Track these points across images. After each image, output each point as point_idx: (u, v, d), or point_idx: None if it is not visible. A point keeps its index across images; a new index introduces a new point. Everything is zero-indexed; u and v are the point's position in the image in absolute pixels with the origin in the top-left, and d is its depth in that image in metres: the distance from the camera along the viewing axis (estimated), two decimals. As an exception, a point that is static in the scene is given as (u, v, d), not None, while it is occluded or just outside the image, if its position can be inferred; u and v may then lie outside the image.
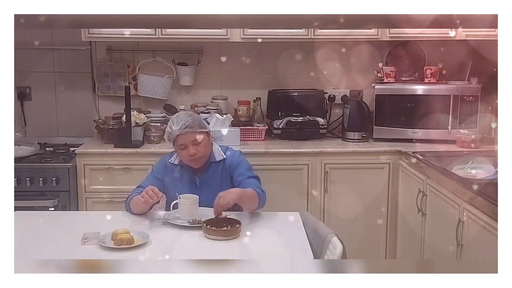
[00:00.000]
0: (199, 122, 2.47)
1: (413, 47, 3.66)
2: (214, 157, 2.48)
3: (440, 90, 3.39)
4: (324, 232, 2.08)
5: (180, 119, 2.42)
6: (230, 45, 3.53)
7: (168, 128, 2.44)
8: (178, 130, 2.38)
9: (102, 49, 3.63)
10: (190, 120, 2.41)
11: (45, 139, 3.58)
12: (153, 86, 3.60)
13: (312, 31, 3.32)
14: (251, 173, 2.47)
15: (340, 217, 3.24)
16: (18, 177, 3.07)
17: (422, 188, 2.81)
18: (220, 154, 2.51)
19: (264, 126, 3.54)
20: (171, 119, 2.51)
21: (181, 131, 2.38)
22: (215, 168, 2.48)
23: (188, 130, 2.39)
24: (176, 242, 2.07)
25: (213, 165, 2.48)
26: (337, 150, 3.28)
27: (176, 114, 2.61)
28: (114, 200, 3.09)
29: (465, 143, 3.28)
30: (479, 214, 2.18)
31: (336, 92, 3.73)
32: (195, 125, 2.41)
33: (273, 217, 2.33)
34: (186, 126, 2.39)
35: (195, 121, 2.43)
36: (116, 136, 3.29)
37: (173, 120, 2.45)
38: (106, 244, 1.98)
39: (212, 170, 2.48)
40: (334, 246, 1.95)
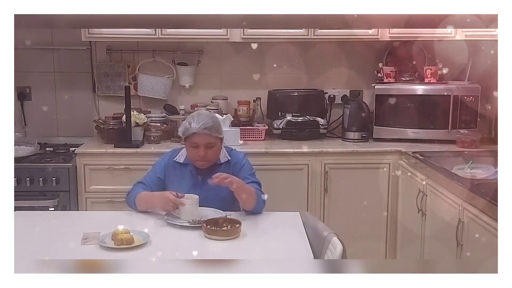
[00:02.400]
0: (218, 127, 2.45)
1: (413, 47, 3.65)
2: (219, 159, 2.48)
3: (440, 90, 3.39)
4: (324, 232, 2.08)
5: (202, 118, 2.39)
6: (230, 45, 3.52)
7: (186, 124, 2.41)
8: (196, 129, 2.36)
9: (102, 49, 3.63)
10: (210, 123, 2.39)
11: (45, 139, 3.58)
12: (153, 86, 3.60)
13: (312, 31, 3.32)
14: (253, 178, 2.46)
15: (340, 217, 3.24)
16: (18, 177, 3.06)
17: (422, 188, 2.81)
18: (225, 156, 2.50)
19: (264, 126, 3.53)
20: (191, 115, 2.47)
21: (200, 130, 2.36)
22: (219, 169, 2.45)
23: (206, 132, 2.36)
24: (176, 242, 2.07)
25: (217, 167, 2.47)
26: (337, 150, 3.28)
27: (198, 112, 2.57)
28: (114, 200, 3.09)
29: (465, 143, 3.28)
30: (479, 214, 2.18)
31: (336, 92, 3.73)
32: (214, 129, 2.39)
33: (273, 217, 2.33)
34: (205, 127, 2.36)
35: (215, 125, 2.41)
36: (116, 136, 3.29)
37: (193, 117, 2.42)
38: (106, 244, 1.98)
39: (215, 171, 2.45)
40: (334, 246, 1.95)
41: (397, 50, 3.67)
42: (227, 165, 2.49)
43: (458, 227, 2.34)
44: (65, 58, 3.68)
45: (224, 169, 2.46)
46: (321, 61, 3.70)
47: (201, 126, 2.36)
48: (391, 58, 3.69)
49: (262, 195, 2.37)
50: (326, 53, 3.68)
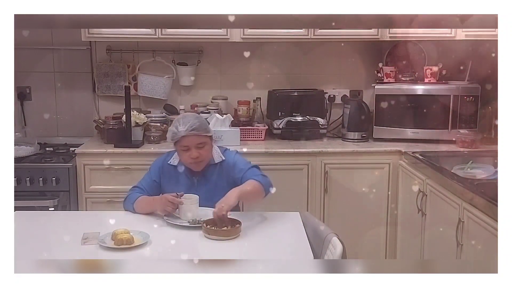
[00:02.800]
0: (205, 126, 2.45)
1: (413, 47, 3.65)
2: (213, 159, 2.47)
3: (440, 90, 3.39)
4: (324, 232, 2.08)
5: (188, 120, 2.39)
6: (230, 45, 3.52)
7: (173, 128, 2.40)
8: (184, 132, 2.35)
9: (102, 49, 3.63)
10: (197, 123, 2.39)
11: (45, 139, 3.58)
12: (153, 86, 3.60)
13: (312, 31, 3.32)
14: (249, 165, 2.45)
15: (340, 217, 3.24)
16: (18, 177, 3.06)
17: (422, 188, 2.81)
18: (219, 156, 2.49)
19: (264, 126, 3.53)
20: (176, 119, 2.47)
21: (187, 133, 2.35)
22: (213, 170, 2.46)
23: (194, 132, 2.36)
24: (176, 242, 2.07)
25: (211, 167, 2.46)
26: (337, 150, 3.28)
27: (183, 114, 2.58)
28: (114, 200, 3.09)
29: (465, 143, 3.28)
30: (479, 214, 2.18)
31: (336, 92, 3.73)
32: (201, 129, 2.39)
33: (273, 217, 2.33)
34: (193, 129, 2.36)
35: (202, 125, 2.41)
36: (116, 136, 3.29)
37: (179, 120, 2.42)
38: (106, 244, 1.98)
39: (210, 172, 2.46)
40: (334, 246, 1.95)
41: (397, 50, 3.67)
42: (221, 165, 2.47)
43: (458, 227, 2.34)
44: (65, 58, 3.67)
45: (219, 169, 2.46)
46: (321, 61, 3.70)
47: (188, 128, 2.35)
48: (391, 58, 3.69)
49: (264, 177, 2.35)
50: (326, 53, 3.67)
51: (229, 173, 2.44)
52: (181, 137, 2.37)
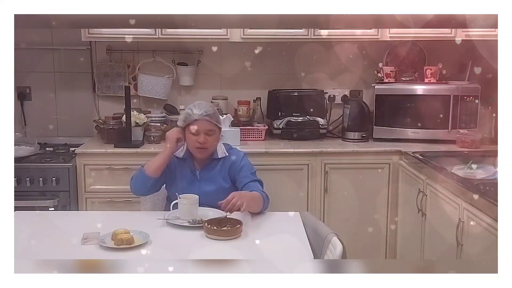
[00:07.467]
0: (218, 116, 2.54)
1: (413, 47, 3.65)
2: (217, 154, 2.52)
3: (440, 90, 3.39)
4: (324, 232, 2.09)
5: (203, 106, 2.48)
6: (230, 45, 3.52)
7: (188, 111, 2.47)
8: (198, 115, 2.42)
9: (102, 49, 3.63)
10: (212, 110, 2.48)
11: (45, 139, 3.58)
12: (153, 86, 3.60)
13: (312, 31, 3.32)
14: (255, 177, 2.50)
15: (340, 217, 3.24)
16: (18, 177, 3.07)
17: (422, 188, 2.81)
18: (223, 151, 2.54)
19: (264, 126, 3.54)
20: (192, 104, 2.54)
21: (201, 117, 2.43)
22: (216, 165, 2.52)
23: (207, 118, 2.44)
24: (176, 242, 2.07)
25: (215, 162, 2.52)
26: (337, 150, 3.28)
27: (198, 101, 2.62)
28: (114, 200, 3.09)
29: (465, 143, 3.28)
30: (479, 214, 2.18)
31: (336, 92, 3.73)
32: (214, 117, 2.48)
33: (273, 217, 2.34)
34: (207, 114, 2.44)
35: (215, 113, 2.50)
36: (116, 136, 3.29)
37: (194, 105, 2.50)
38: (106, 244, 1.98)
39: (213, 166, 2.52)
40: (334, 246, 1.95)
41: (397, 50, 3.68)
42: (224, 161, 2.52)
43: (458, 227, 2.34)
44: (65, 58, 3.68)
45: (222, 164, 2.51)
46: (321, 61, 3.70)
47: (202, 113, 2.43)
48: (391, 58, 3.69)
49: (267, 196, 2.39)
50: (326, 53, 3.68)
51: (230, 171, 2.49)
52: (194, 120, 2.43)
